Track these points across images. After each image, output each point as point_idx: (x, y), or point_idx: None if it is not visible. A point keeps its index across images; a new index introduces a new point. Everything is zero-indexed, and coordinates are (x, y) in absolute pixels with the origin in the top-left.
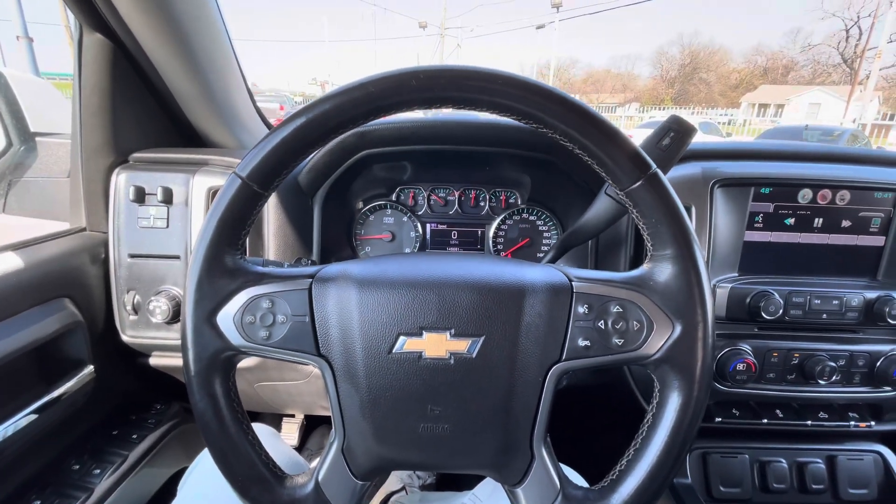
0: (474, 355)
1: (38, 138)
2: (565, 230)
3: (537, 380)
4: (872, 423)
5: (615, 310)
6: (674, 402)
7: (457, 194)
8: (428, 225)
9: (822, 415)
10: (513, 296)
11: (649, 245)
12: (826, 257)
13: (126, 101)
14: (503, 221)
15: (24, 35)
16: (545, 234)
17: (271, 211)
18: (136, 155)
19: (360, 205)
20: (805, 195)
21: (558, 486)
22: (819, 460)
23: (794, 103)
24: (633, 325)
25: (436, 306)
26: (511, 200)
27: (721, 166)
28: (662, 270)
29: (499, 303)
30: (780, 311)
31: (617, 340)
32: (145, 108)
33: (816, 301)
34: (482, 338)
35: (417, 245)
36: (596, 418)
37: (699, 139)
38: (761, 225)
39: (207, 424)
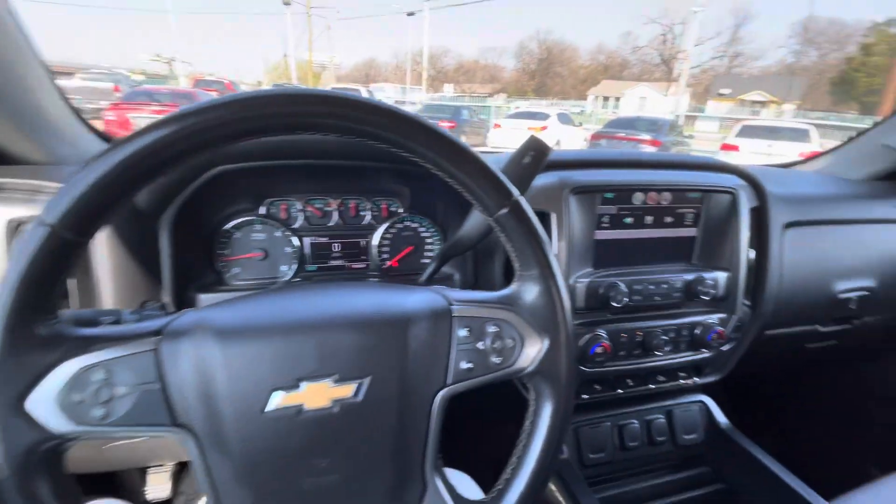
0: (361, 399)
1: None
2: (447, 236)
3: (426, 409)
4: (696, 378)
5: (492, 329)
6: (547, 410)
7: (335, 204)
8: (306, 238)
9: (660, 378)
10: (397, 328)
11: (517, 265)
12: (656, 248)
13: None
14: (387, 230)
15: None
16: (428, 241)
17: (103, 244)
18: None
19: (223, 222)
20: (638, 197)
21: None
22: (661, 416)
23: (627, 96)
24: (508, 343)
25: (315, 353)
26: (392, 209)
27: (574, 175)
28: (529, 289)
29: (384, 338)
30: (626, 299)
31: (495, 359)
32: None
33: (651, 287)
34: (368, 378)
35: (296, 261)
36: (485, 412)
37: (564, 125)
38: (608, 224)
39: None
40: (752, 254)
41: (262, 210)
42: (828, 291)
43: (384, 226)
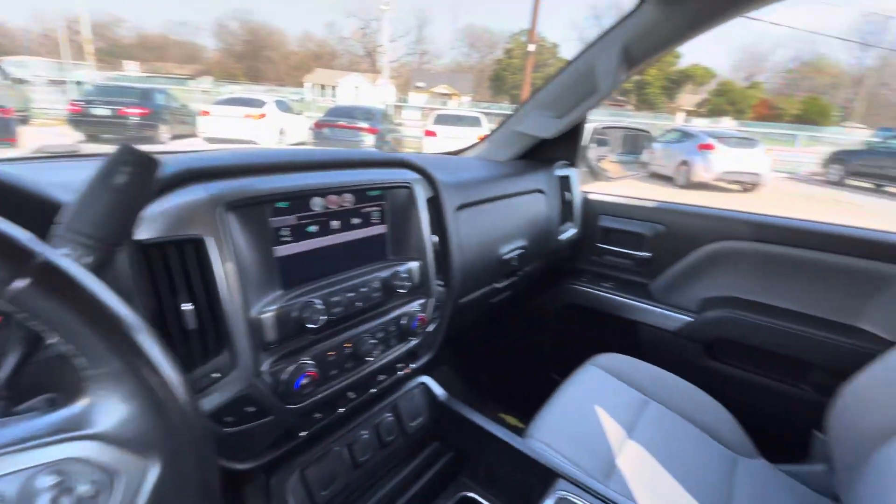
0: None
1: None
2: None
3: None
4: (412, 364)
5: (47, 483)
6: None
7: None
8: None
9: (380, 377)
10: None
11: (78, 363)
12: (350, 252)
13: None
14: None
15: None
16: None
17: None
18: None
19: None
20: (317, 202)
21: None
22: (389, 414)
23: (343, 85)
24: (86, 491)
25: None
26: None
27: (229, 186)
28: (109, 396)
29: None
30: (324, 317)
31: None
32: None
33: (350, 294)
34: None
35: None
36: None
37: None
38: (290, 238)
39: None
40: (436, 239)
41: None
42: (496, 255)
43: None
